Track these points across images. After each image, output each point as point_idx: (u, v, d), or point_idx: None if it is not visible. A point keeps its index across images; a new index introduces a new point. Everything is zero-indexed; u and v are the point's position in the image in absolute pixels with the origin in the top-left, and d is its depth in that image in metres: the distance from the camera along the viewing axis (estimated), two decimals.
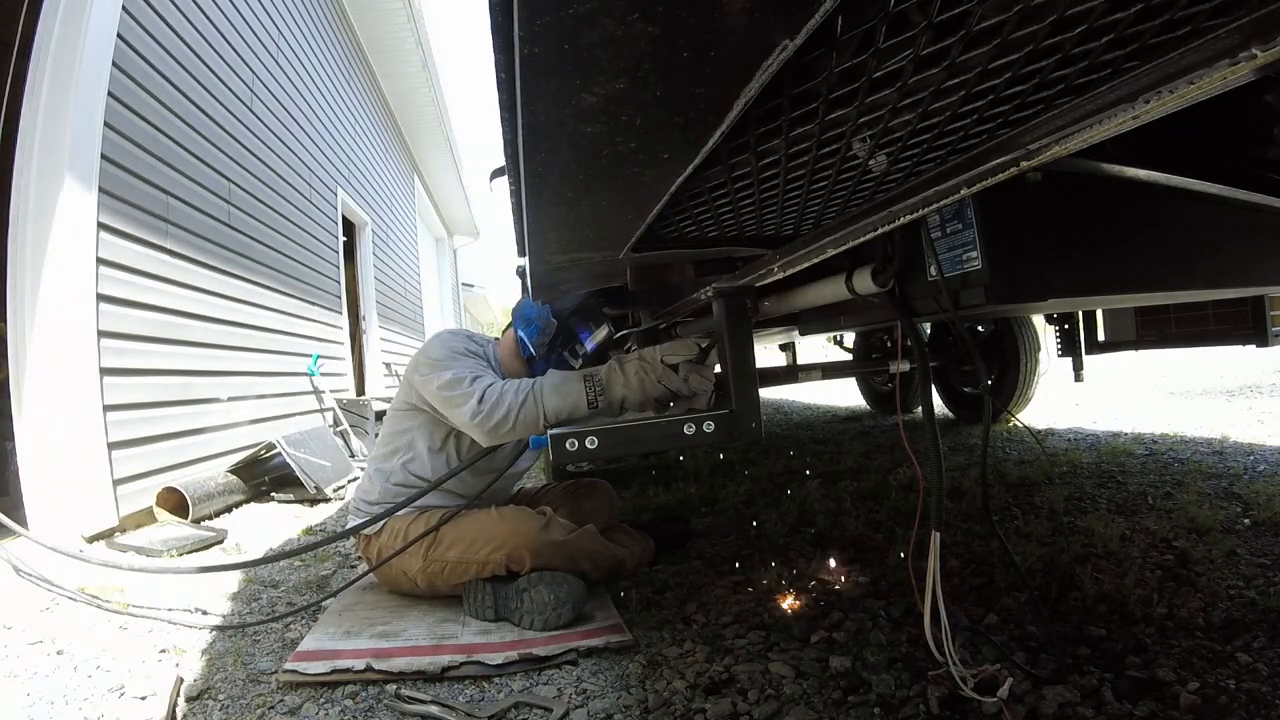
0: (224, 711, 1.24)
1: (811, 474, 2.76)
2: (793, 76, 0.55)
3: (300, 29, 5.29)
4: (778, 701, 1.13)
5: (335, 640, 1.48)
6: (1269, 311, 1.94)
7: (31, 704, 1.29)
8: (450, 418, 1.59)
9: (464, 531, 1.61)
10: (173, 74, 3.27)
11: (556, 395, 1.48)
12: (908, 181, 0.79)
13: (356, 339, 7.08)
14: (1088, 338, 2.70)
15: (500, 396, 1.49)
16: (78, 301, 2.54)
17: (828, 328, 2.52)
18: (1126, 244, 1.15)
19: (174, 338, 3.18)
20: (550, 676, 1.31)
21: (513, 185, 0.80)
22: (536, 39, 0.43)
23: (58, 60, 2.54)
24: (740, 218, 1.00)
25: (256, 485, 3.39)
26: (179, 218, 3.27)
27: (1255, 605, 1.30)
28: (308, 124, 5.32)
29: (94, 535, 2.50)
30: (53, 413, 2.48)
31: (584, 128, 0.57)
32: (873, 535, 1.93)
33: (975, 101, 0.60)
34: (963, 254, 1.08)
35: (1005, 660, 1.17)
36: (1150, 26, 0.48)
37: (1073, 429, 3.42)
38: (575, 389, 1.48)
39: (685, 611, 1.54)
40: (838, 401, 5.62)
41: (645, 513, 2.41)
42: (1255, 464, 2.36)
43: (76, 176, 2.53)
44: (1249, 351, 2.16)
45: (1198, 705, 1.01)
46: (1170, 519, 1.83)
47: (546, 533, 1.60)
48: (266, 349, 4.28)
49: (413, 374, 1.67)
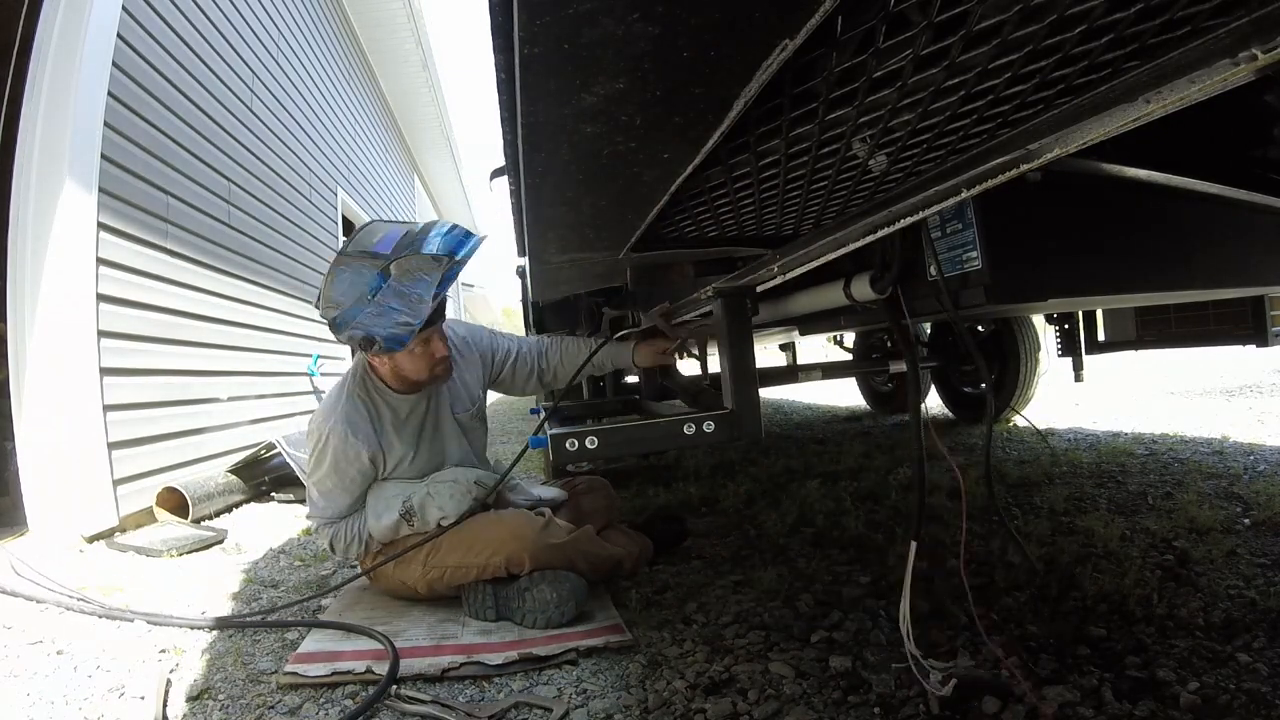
0: (224, 711, 1.24)
1: (811, 474, 2.76)
2: (793, 76, 0.55)
3: (300, 29, 5.28)
4: (778, 701, 1.13)
5: (335, 642, 1.48)
6: (1269, 311, 1.94)
7: (31, 704, 1.29)
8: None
9: (462, 536, 1.61)
10: (173, 74, 3.27)
11: (380, 527, 1.66)
12: (907, 181, 0.79)
13: None
14: (1088, 338, 2.70)
15: (335, 543, 1.72)
16: (78, 301, 2.54)
17: (828, 328, 2.53)
18: (1126, 244, 1.15)
19: (174, 338, 3.18)
20: (550, 676, 1.31)
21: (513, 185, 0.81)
22: (536, 39, 0.43)
23: (58, 60, 2.54)
24: (740, 218, 1.00)
25: (256, 485, 3.39)
26: (179, 218, 3.27)
27: (1255, 605, 1.30)
28: (308, 124, 5.32)
29: (94, 535, 2.50)
30: (53, 413, 2.48)
31: (584, 128, 0.57)
32: (873, 535, 1.93)
33: (975, 101, 0.60)
34: (963, 254, 1.08)
35: (1005, 659, 1.17)
36: (1150, 26, 0.48)
37: (1073, 429, 3.42)
38: (392, 521, 1.65)
39: (685, 611, 1.54)
40: (838, 401, 5.62)
41: (644, 513, 2.41)
42: (1255, 464, 2.36)
43: (76, 176, 2.53)
44: (1249, 351, 2.16)
45: (1198, 705, 1.01)
46: (1170, 519, 1.83)
47: (546, 535, 1.60)
48: (266, 349, 4.28)
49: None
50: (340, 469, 1.63)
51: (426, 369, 1.65)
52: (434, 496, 1.64)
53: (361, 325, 1.47)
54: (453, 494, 1.64)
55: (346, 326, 1.49)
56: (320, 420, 1.65)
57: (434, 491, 1.64)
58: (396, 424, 1.70)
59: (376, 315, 1.46)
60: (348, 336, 1.51)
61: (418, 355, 1.62)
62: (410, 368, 1.64)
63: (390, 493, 1.67)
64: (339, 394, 1.69)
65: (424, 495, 1.64)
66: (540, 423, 1.82)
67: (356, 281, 1.47)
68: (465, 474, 1.70)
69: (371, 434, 1.65)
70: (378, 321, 1.47)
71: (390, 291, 1.46)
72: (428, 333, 1.59)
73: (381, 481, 1.71)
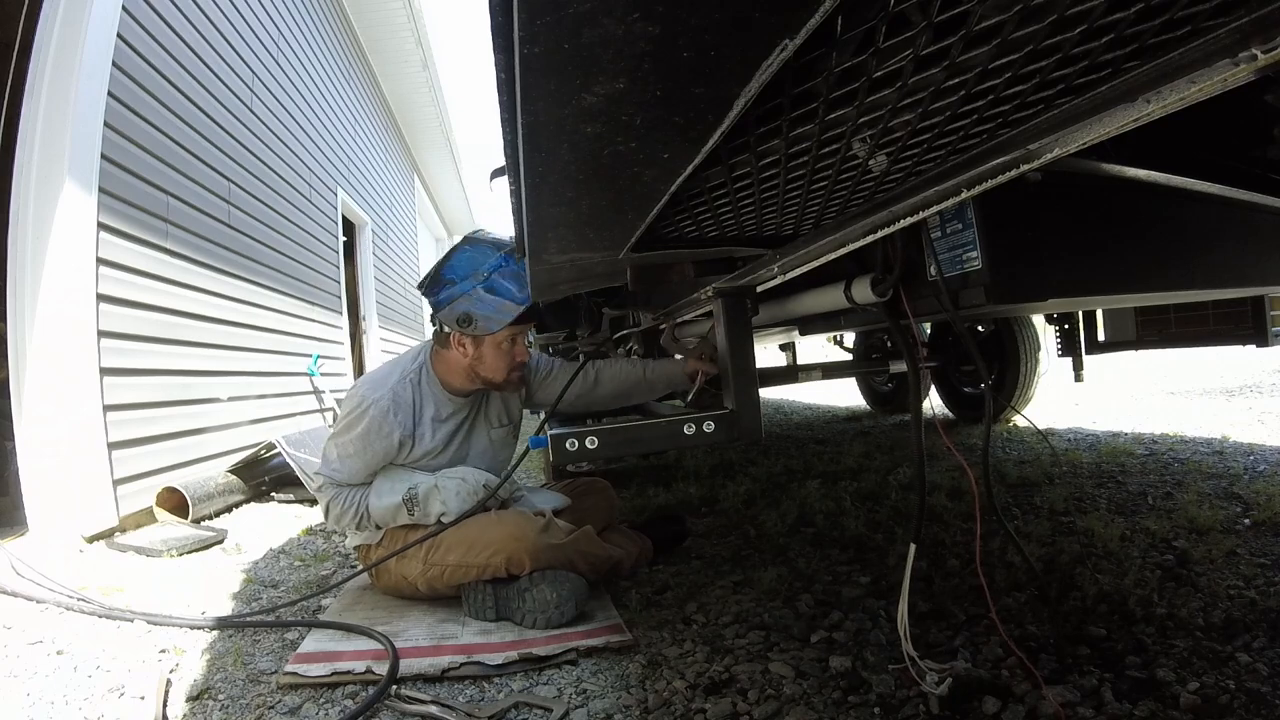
0: (224, 711, 1.24)
1: (811, 474, 2.76)
2: (793, 76, 0.55)
3: (300, 29, 5.28)
4: (778, 701, 1.13)
5: (335, 642, 1.48)
6: (1269, 311, 1.94)
7: (31, 704, 1.29)
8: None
9: (463, 535, 1.61)
10: (173, 74, 3.27)
11: (380, 506, 1.65)
12: (908, 181, 0.79)
13: (356, 339, 7.08)
14: (1088, 338, 2.70)
15: (332, 506, 1.72)
16: (78, 301, 2.55)
17: (828, 328, 2.53)
18: (1126, 244, 1.15)
19: (174, 338, 3.18)
20: (550, 676, 1.31)
21: (513, 185, 0.80)
22: (536, 39, 0.43)
23: (58, 60, 2.55)
24: (740, 218, 1.00)
25: (256, 485, 3.39)
26: (179, 218, 3.27)
27: (1255, 605, 1.30)
28: (308, 124, 5.32)
29: (94, 535, 2.50)
30: (53, 413, 2.48)
31: (584, 128, 0.57)
32: (873, 535, 1.93)
33: (975, 101, 0.60)
34: (963, 254, 1.08)
35: (1005, 658, 1.17)
36: (1150, 26, 0.48)
37: (1073, 429, 3.42)
38: (394, 504, 1.64)
39: (685, 611, 1.54)
40: (838, 401, 5.62)
41: (644, 513, 2.41)
42: (1255, 464, 2.36)
43: (77, 177, 2.53)
44: (1249, 351, 2.16)
45: (1198, 705, 1.01)
46: (1170, 519, 1.83)
47: (546, 535, 1.60)
48: (266, 349, 4.29)
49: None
50: (369, 439, 1.64)
51: (505, 369, 1.68)
52: (440, 490, 1.64)
53: (466, 300, 1.57)
54: (458, 491, 1.63)
55: (450, 301, 1.59)
56: (368, 389, 1.66)
57: (441, 485, 1.64)
58: (435, 421, 1.72)
59: (486, 292, 1.56)
60: (447, 312, 1.60)
61: (503, 351, 1.66)
62: (492, 363, 1.66)
63: (398, 477, 1.67)
64: (393, 371, 1.71)
65: (430, 487, 1.64)
66: (541, 423, 1.82)
67: (476, 259, 1.58)
68: (474, 474, 1.69)
69: (410, 420, 1.67)
70: (484, 299, 1.57)
71: (508, 273, 1.56)
72: (521, 328, 1.66)
73: (395, 465, 1.71)
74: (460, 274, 1.59)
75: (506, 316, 1.59)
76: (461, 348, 1.66)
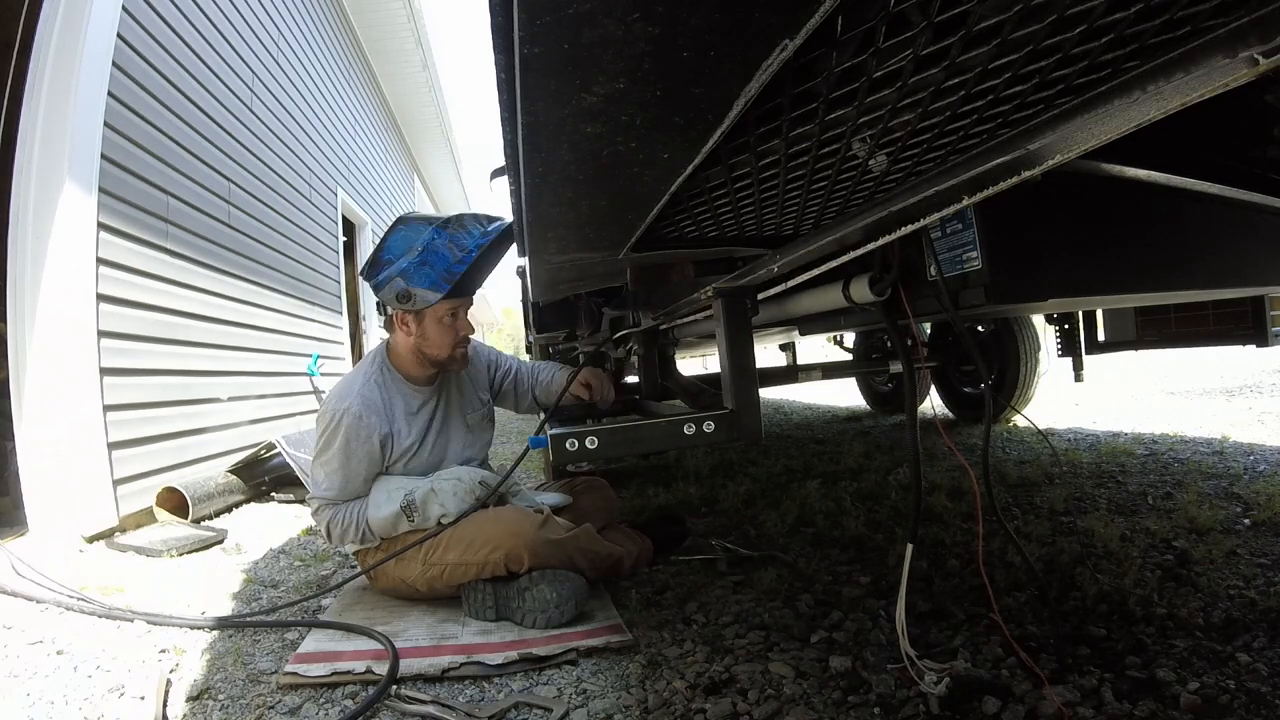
0: (224, 711, 1.24)
1: (811, 474, 2.76)
2: (793, 76, 0.55)
3: (300, 29, 5.28)
4: (778, 701, 1.13)
5: (335, 642, 1.48)
6: (1269, 311, 1.94)
7: (31, 704, 1.29)
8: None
9: (462, 533, 1.61)
10: (173, 74, 3.27)
11: (379, 517, 1.65)
12: (907, 181, 0.79)
13: (357, 339, 7.08)
14: (1088, 338, 2.70)
15: (332, 527, 1.71)
16: (78, 301, 2.55)
17: (828, 328, 2.53)
18: (1126, 244, 1.15)
19: (174, 338, 3.18)
20: (550, 676, 1.31)
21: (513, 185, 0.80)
22: (536, 39, 0.43)
23: (58, 60, 2.54)
24: (740, 218, 1.00)
25: (256, 485, 3.39)
26: (179, 218, 3.27)
27: (1255, 605, 1.30)
28: (308, 124, 5.32)
29: (94, 535, 2.50)
30: (53, 413, 2.48)
31: (584, 128, 0.57)
32: (873, 535, 1.93)
33: (975, 101, 0.60)
34: (962, 254, 1.08)
35: (1005, 658, 1.17)
36: (1150, 26, 0.48)
37: (1073, 429, 3.42)
38: (392, 512, 1.64)
39: (685, 611, 1.54)
40: (838, 401, 5.62)
41: (644, 513, 2.41)
42: (1255, 464, 2.36)
43: (77, 176, 2.53)
44: (1249, 351, 2.16)
45: (1198, 705, 1.01)
46: (1170, 519, 1.83)
47: (544, 532, 1.60)
48: (266, 349, 4.29)
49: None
50: (350, 449, 1.65)
51: (449, 344, 1.70)
52: (437, 494, 1.64)
53: (403, 277, 1.59)
54: (455, 492, 1.64)
55: (389, 280, 1.60)
56: (335, 401, 1.67)
57: (438, 488, 1.65)
58: (408, 415, 1.74)
59: (419, 265, 1.57)
60: (386, 291, 1.62)
61: (445, 326, 1.68)
62: (435, 339, 1.68)
63: (393, 485, 1.68)
64: (356, 378, 1.73)
65: (426, 491, 1.65)
66: (541, 423, 1.82)
67: (410, 236, 1.61)
68: (470, 474, 1.70)
69: (384, 419, 1.68)
70: (420, 272, 1.58)
71: (440, 244, 1.58)
72: (460, 301, 1.68)
73: (386, 475, 1.72)
74: (396, 252, 1.61)
75: (443, 287, 1.60)
76: (405, 327, 1.68)
